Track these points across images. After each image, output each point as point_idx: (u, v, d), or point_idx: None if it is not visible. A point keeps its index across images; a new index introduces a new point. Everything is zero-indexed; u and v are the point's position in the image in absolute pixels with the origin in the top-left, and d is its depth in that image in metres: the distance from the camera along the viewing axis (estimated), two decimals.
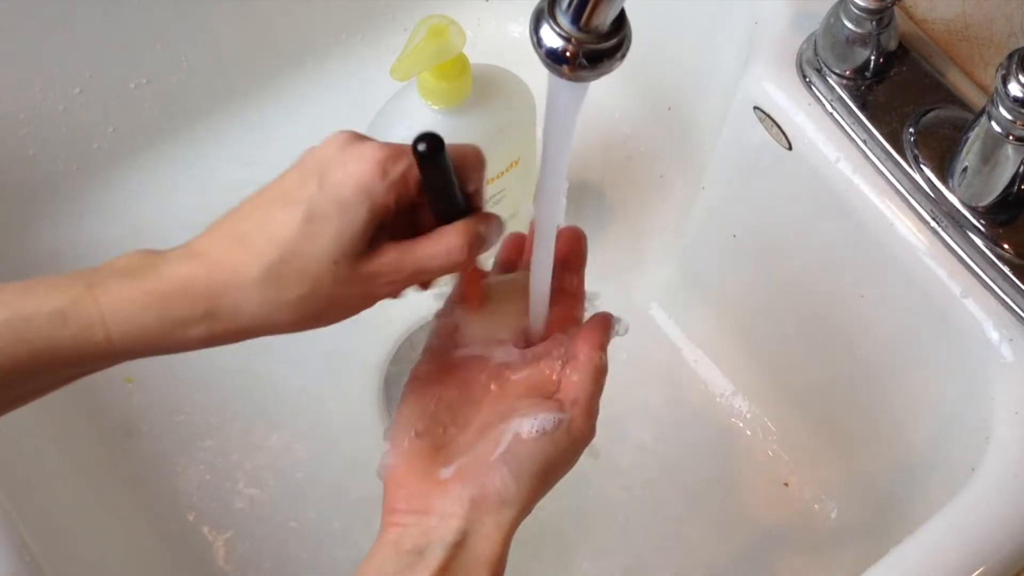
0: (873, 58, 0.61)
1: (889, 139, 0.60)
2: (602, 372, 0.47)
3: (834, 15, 0.59)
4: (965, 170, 0.56)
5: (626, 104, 0.89)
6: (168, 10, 0.80)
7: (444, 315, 0.51)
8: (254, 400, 0.80)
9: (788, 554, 0.76)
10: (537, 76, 0.43)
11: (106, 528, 0.74)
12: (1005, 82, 0.50)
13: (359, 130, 0.44)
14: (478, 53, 0.69)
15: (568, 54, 0.37)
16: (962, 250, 0.58)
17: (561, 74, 0.38)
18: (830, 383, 0.75)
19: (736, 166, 0.71)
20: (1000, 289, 0.57)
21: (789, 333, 0.77)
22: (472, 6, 0.91)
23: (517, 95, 0.72)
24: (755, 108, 0.65)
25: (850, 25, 0.59)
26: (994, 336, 0.57)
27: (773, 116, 0.64)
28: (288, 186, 0.42)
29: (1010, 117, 0.51)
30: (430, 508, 0.44)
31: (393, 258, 0.43)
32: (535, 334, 0.51)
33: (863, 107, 0.61)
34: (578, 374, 0.47)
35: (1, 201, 0.82)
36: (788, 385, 0.78)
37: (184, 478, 0.78)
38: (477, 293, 0.50)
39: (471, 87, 0.68)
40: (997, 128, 0.52)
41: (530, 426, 0.45)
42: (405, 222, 0.44)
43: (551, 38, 0.37)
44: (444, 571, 0.42)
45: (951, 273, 0.58)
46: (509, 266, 0.53)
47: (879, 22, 0.59)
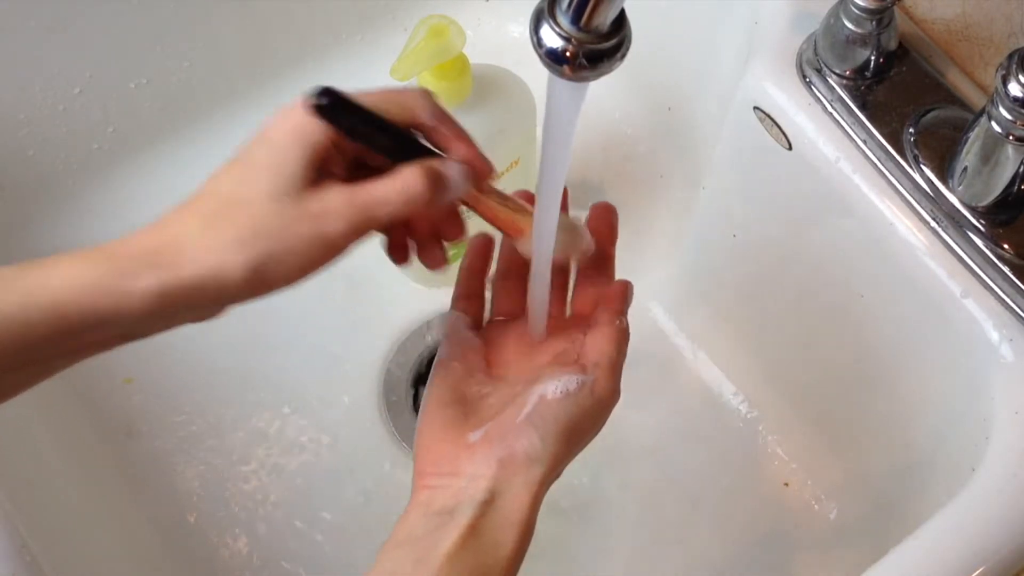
0: (873, 58, 0.61)
1: (889, 139, 0.60)
2: (623, 336, 0.49)
3: (834, 15, 0.59)
4: (965, 170, 0.56)
5: (626, 104, 0.89)
6: (168, 10, 0.80)
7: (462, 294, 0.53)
8: (254, 401, 0.80)
9: (788, 554, 0.76)
10: (537, 76, 0.43)
11: (106, 528, 0.74)
12: (1005, 82, 0.50)
13: None
14: (478, 53, 0.69)
15: (568, 54, 0.37)
16: (962, 250, 0.58)
17: (561, 74, 0.38)
18: (830, 383, 0.75)
19: (736, 166, 0.71)
20: (1000, 289, 0.57)
21: (789, 333, 0.77)
22: (472, 6, 0.91)
23: (517, 95, 0.72)
24: (755, 108, 0.65)
25: (850, 25, 0.59)
26: (994, 336, 0.57)
27: (773, 116, 0.64)
28: (237, 151, 0.43)
29: (1010, 117, 0.51)
30: (459, 470, 0.45)
31: (343, 193, 0.42)
32: (536, 333, 0.51)
33: (863, 107, 0.61)
34: (599, 338, 0.48)
35: (1, 201, 0.82)
36: (788, 385, 0.78)
37: (184, 478, 0.78)
38: (507, 221, 0.49)
39: (471, 87, 0.68)
40: (997, 128, 0.52)
41: (554, 388, 0.46)
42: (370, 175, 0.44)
43: (551, 38, 0.37)
44: (473, 529, 0.43)
45: (951, 273, 0.58)
46: (512, 271, 0.53)
47: (879, 22, 0.59)
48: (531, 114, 0.73)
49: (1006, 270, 0.57)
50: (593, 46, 0.37)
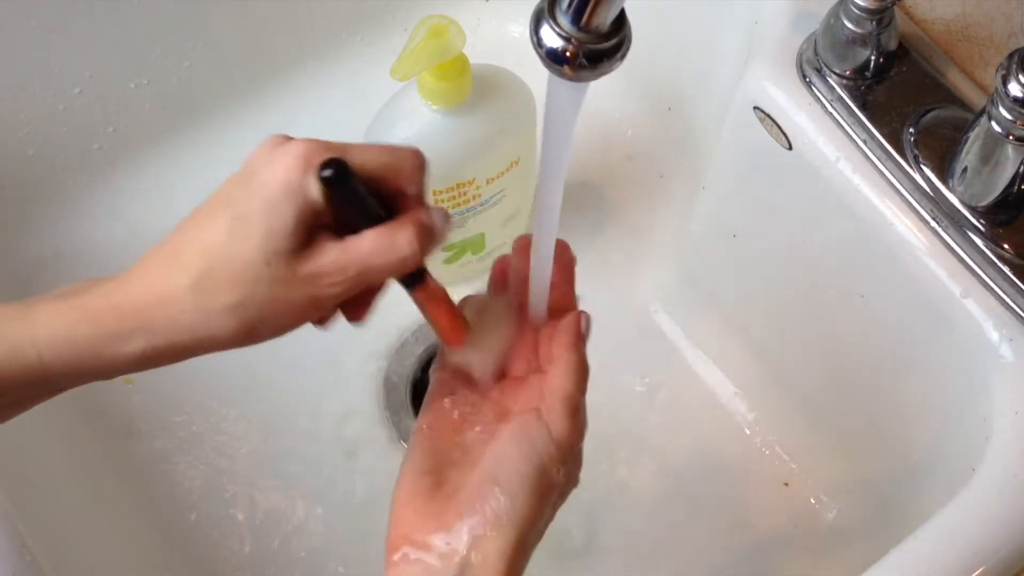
0: (873, 58, 0.61)
1: (889, 139, 0.60)
2: (577, 370, 0.46)
3: (834, 15, 0.59)
4: (965, 170, 0.56)
5: (626, 104, 0.89)
6: (168, 10, 0.80)
7: (438, 366, 0.49)
8: (254, 401, 0.80)
9: (788, 554, 0.76)
10: (537, 76, 0.43)
11: (106, 528, 0.74)
12: (1005, 82, 0.50)
13: (359, 130, 0.44)
14: (478, 53, 0.69)
15: (568, 54, 0.37)
16: (962, 250, 0.58)
17: (561, 74, 0.38)
18: (830, 383, 0.75)
19: (736, 166, 0.71)
20: (1000, 289, 0.57)
21: (789, 333, 0.77)
22: (472, 6, 0.91)
23: (517, 95, 0.72)
24: (755, 108, 0.65)
25: (850, 25, 0.59)
26: (994, 336, 0.57)
27: (773, 116, 0.64)
28: (221, 194, 0.42)
29: (1010, 117, 0.51)
30: (431, 545, 0.43)
31: (334, 256, 0.41)
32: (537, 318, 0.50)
33: (863, 107, 0.61)
34: (552, 377, 0.46)
35: (1, 201, 0.82)
36: (788, 385, 0.78)
37: (184, 478, 0.78)
38: (456, 327, 0.47)
39: (471, 87, 0.68)
40: (997, 128, 0.52)
41: (508, 436, 0.44)
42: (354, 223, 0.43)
43: (551, 38, 0.37)
44: None
45: (951, 273, 0.58)
46: (503, 286, 0.52)
47: (879, 22, 0.59)
48: (531, 114, 0.73)
49: (1006, 270, 0.57)
50: (593, 46, 0.37)
